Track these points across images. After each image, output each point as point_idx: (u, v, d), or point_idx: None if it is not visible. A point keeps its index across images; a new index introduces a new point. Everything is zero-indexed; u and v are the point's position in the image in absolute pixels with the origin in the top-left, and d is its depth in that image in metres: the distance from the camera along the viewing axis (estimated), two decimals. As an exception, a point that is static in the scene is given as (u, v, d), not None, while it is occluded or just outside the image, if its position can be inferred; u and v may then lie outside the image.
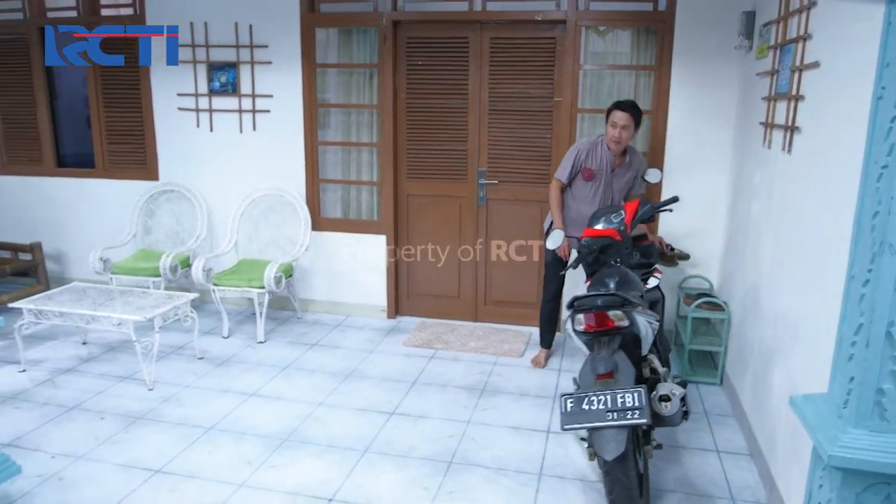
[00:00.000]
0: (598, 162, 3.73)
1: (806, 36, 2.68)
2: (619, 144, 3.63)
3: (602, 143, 3.72)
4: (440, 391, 3.74)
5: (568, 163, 3.76)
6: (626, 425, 2.22)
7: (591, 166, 3.74)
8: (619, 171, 3.78)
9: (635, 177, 3.84)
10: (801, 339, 2.50)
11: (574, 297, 2.52)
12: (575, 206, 3.82)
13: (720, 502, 2.72)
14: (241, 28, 4.70)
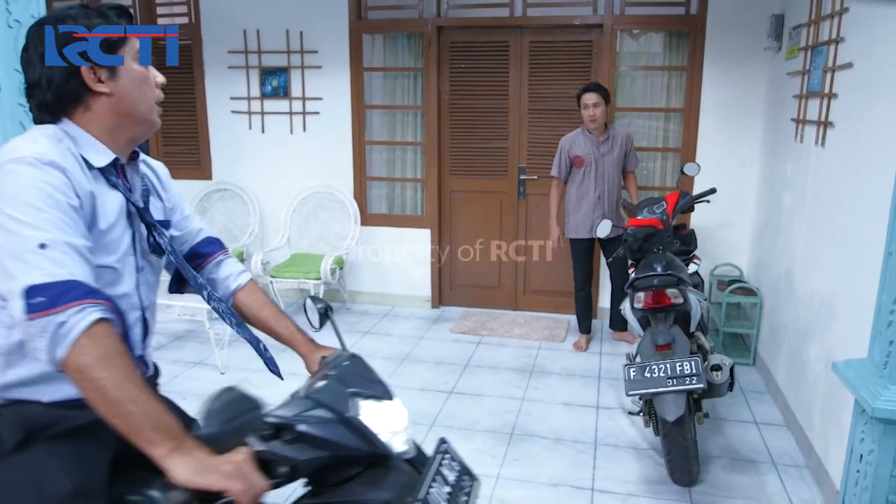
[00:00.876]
0: (582, 147, 4.12)
1: (839, 39, 2.93)
2: (595, 122, 4.03)
3: (582, 130, 4.12)
4: (492, 372, 4.01)
5: (557, 158, 4.19)
6: (685, 390, 2.49)
7: (579, 153, 4.12)
8: (604, 150, 4.13)
9: (626, 153, 4.19)
10: (837, 315, 2.76)
11: (633, 278, 2.79)
12: (578, 197, 4.18)
13: (762, 466, 2.98)
14: (293, 35, 4.98)
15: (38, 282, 1.07)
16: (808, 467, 2.95)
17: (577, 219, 4.18)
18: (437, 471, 1.18)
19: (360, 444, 1.13)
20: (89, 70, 1.27)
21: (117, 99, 1.31)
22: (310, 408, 1.12)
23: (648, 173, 4.82)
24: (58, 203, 1.14)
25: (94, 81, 1.28)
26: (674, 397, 2.52)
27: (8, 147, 1.19)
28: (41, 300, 1.06)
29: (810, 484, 2.83)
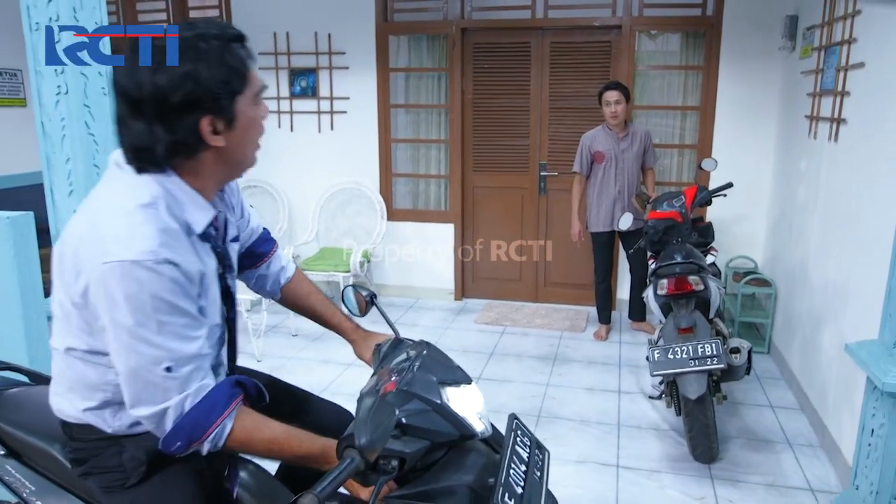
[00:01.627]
0: (603, 143, 4.28)
1: (851, 40, 3.09)
2: (616, 118, 4.19)
3: (603, 127, 4.31)
4: (517, 360, 4.19)
5: (578, 154, 4.36)
6: (706, 370, 2.66)
7: (600, 149, 4.29)
8: (624, 145, 4.28)
9: (645, 149, 4.35)
10: (850, 301, 2.92)
11: (656, 266, 2.96)
12: (599, 191, 4.35)
13: (778, 445, 3.15)
14: (321, 37, 5.17)
15: (177, 404, 1.14)
16: (821, 446, 3.11)
17: (599, 213, 4.35)
18: (512, 452, 1.24)
19: (452, 429, 1.22)
20: (209, 122, 1.16)
21: (229, 149, 1.21)
22: (407, 401, 1.21)
23: (665, 169, 4.98)
24: (176, 308, 1.13)
25: (211, 134, 1.17)
26: (696, 377, 2.69)
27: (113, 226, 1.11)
28: (179, 444, 1.14)
29: (824, 461, 2.99)
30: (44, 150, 2.81)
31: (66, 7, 2.67)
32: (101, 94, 2.88)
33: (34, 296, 2.54)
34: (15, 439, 1.45)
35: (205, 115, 1.15)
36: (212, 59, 1.14)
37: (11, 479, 1.43)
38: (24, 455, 1.45)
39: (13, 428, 1.45)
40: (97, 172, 2.85)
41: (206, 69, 1.13)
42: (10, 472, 1.43)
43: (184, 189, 1.20)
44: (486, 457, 1.28)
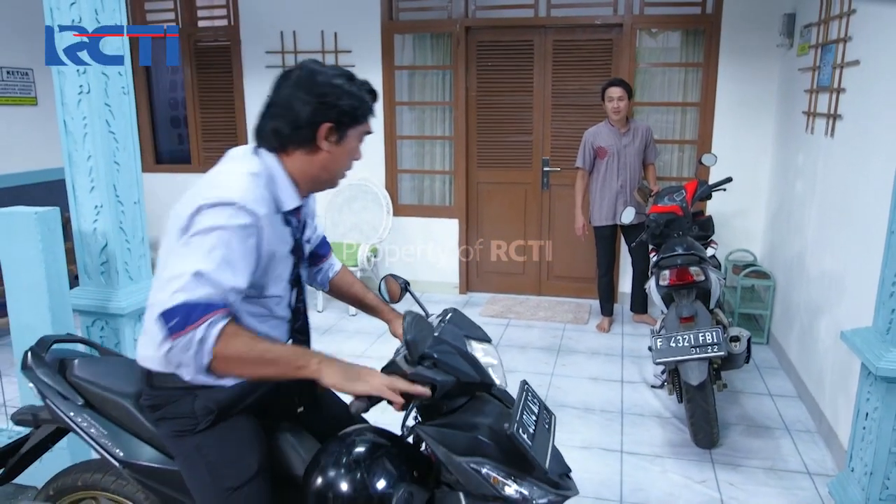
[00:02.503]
0: (605, 139, 4.37)
1: (847, 38, 3.18)
2: (619, 113, 4.27)
3: (605, 122, 4.40)
4: (522, 351, 4.29)
5: (581, 150, 4.44)
6: (707, 357, 2.76)
7: (602, 144, 4.37)
8: (626, 140, 4.37)
9: (647, 144, 4.44)
10: (846, 291, 3.02)
11: (658, 258, 3.06)
12: (602, 186, 4.43)
13: (777, 431, 3.25)
14: (327, 35, 5.26)
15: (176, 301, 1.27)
16: (818, 432, 3.21)
17: (601, 207, 4.45)
18: (524, 405, 1.44)
19: (474, 373, 1.44)
20: (329, 129, 1.45)
21: (326, 160, 1.49)
22: (439, 344, 1.44)
23: (666, 164, 5.08)
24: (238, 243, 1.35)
25: (324, 139, 1.46)
26: (697, 364, 2.79)
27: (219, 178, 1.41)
28: (175, 322, 1.28)
29: (821, 446, 3.10)
30: (66, 147, 2.91)
31: (88, 9, 2.76)
32: (122, 93, 2.99)
33: (60, 288, 2.64)
34: (91, 393, 1.72)
35: (329, 122, 1.44)
36: (354, 92, 1.47)
37: (87, 425, 1.68)
38: (97, 406, 1.72)
39: (89, 384, 1.72)
40: (117, 169, 2.96)
41: (347, 94, 1.45)
42: (86, 419, 1.69)
43: (282, 174, 1.48)
44: (501, 409, 1.49)
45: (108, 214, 2.94)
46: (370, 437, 1.56)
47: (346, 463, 1.46)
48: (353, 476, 1.44)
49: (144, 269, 3.15)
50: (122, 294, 2.98)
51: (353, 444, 1.53)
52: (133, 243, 3.07)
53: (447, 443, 1.41)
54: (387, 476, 1.44)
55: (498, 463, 1.39)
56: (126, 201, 3.02)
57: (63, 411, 1.71)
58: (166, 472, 1.63)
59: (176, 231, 1.38)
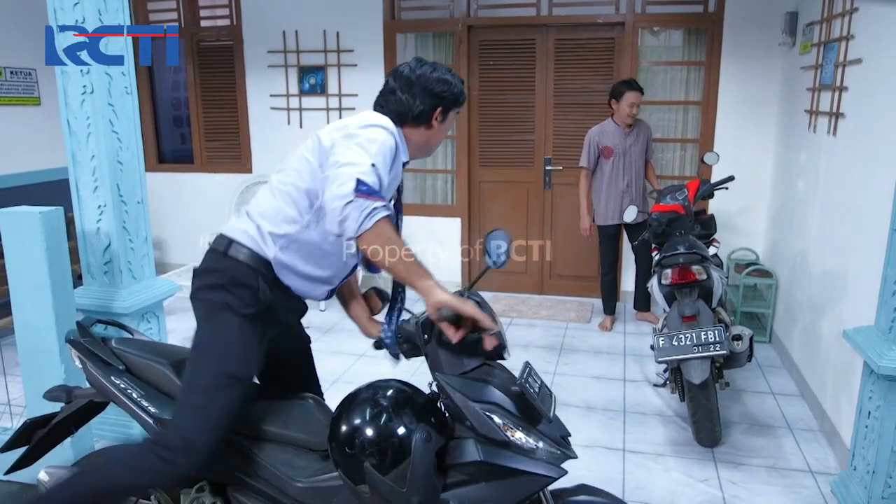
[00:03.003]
0: (611, 138, 4.37)
1: (849, 36, 3.18)
2: (633, 118, 4.31)
3: (609, 122, 4.40)
4: (524, 350, 4.30)
5: (586, 149, 4.44)
6: (709, 356, 2.76)
7: (608, 143, 4.37)
8: (630, 140, 4.39)
9: (647, 142, 4.47)
10: (848, 290, 3.02)
11: (660, 257, 3.06)
12: (607, 186, 4.43)
13: (779, 430, 3.25)
14: (329, 35, 5.27)
15: (367, 180, 1.59)
16: (821, 431, 3.21)
17: (607, 206, 4.45)
18: (528, 374, 1.57)
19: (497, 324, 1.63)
20: (439, 113, 1.87)
21: (432, 134, 1.91)
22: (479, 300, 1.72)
23: (668, 162, 5.08)
24: (389, 156, 1.72)
25: (434, 119, 1.87)
26: (699, 363, 2.79)
27: (374, 117, 1.81)
28: (365, 188, 1.58)
29: (823, 445, 3.10)
30: (69, 147, 2.92)
31: (91, 9, 2.77)
32: (125, 93, 3.00)
33: (64, 287, 2.64)
34: (130, 361, 1.93)
35: (441, 106, 1.85)
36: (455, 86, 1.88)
37: (125, 386, 1.86)
38: (136, 372, 1.92)
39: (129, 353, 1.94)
40: (121, 169, 2.97)
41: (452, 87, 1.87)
42: (125, 381, 1.88)
43: (402, 139, 1.85)
44: (509, 375, 1.64)
45: (112, 214, 2.95)
46: (395, 384, 1.72)
47: (372, 403, 1.64)
48: (377, 415, 1.60)
49: (148, 269, 3.16)
50: (124, 294, 2.99)
51: (380, 388, 1.70)
52: (136, 243, 3.08)
53: (463, 389, 1.56)
54: (408, 417, 1.59)
55: (507, 413, 1.54)
56: (129, 201, 3.03)
57: (104, 375, 1.88)
58: None
59: (335, 139, 1.74)
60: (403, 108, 1.84)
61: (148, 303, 3.08)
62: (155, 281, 3.19)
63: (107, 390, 1.87)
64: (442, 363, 1.65)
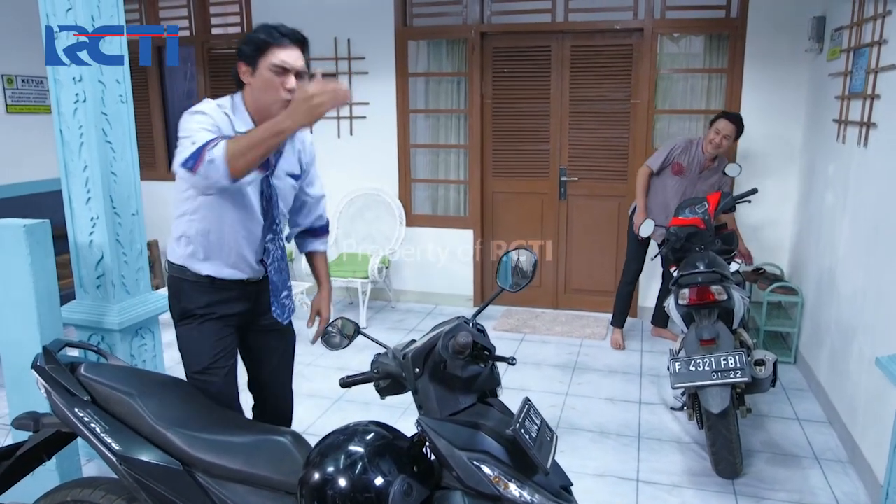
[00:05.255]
0: (689, 159, 4.08)
1: (881, 41, 2.99)
2: (717, 149, 3.98)
3: (699, 143, 4.07)
4: (536, 369, 4.13)
5: (662, 153, 4.14)
6: (729, 383, 2.58)
7: (683, 162, 4.09)
8: (706, 174, 4.12)
9: (720, 180, 4.16)
10: (881, 312, 2.81)
11: (678, 275, 2.88)
12: (660, 196, 4.17)
13: (805, 461, 3.05)
14: (341, 42, 5.17)
15: (186, 155, 1.77)
16: (851, 462, 3.00)
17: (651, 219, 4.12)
18: (526, 415, 1.44)
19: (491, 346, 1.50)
20: (242, 67, 1.95)
21: (253, 89, 1.95)
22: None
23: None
24: (204, 127, 1.84)
25: (243, 75, 1.96)
26: (719, 390, 2.61)
27: (196, 106, 1.94)
28: (189, 160, 1.76)
29: (853, 478, 2.89)
30: (62, 157, 2.84)
31: (84, 13, 2.69)
32: (120, 101, 2.90)
33: (50, 303, 2.54)
34: (97, 391, 1.81)
35: (239, 60, 1.96)
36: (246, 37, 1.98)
37: (88, 419, 1.74)
38: (102, 403, 1.80)
39: (96, 383, 1.81)
40: (114, 180, 2.88)
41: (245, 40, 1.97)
42: (89, 414, 1.76)
43: (240, 106, 2.00)
44: (503, 417, 1.51)
45: (105, 226, 2.85)
46: (372, 428, 1.56)
47: (347, 451, 1.48)
48: (352, 464, 1.45)
49: (143, 283, 3.06)
50: (117, 309, 2.89)
51: (355, 433, 1.54)
52: (130, 256, 2.98)
53: (449, 436, 1.42)
54: (386, 466, 1.44)
55: (499, 462, 1.40)
56: (123, 213, 2.93)
57: (67, 406, 1.77)
58: (164, 471, 1.66)
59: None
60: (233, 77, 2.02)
61: (142, 318, 2.98)
62: (150, 295, 3.09)
63: (70, 423, 1.76)
64: (434, 400, 1.50)
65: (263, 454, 1.67)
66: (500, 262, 1.72)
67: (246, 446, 1.69)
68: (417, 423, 1.47)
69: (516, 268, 1.72)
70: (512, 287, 1.68)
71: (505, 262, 1.71)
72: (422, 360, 1.54)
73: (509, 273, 1.71)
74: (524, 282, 1.67)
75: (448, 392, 1.51)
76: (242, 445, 1.69)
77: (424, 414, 1.53)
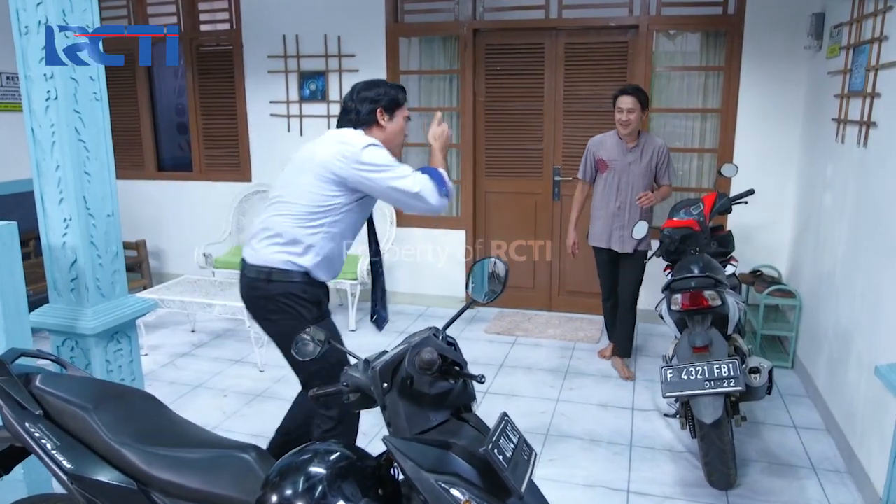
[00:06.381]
0: (609, 151, 3.81)
1: (882, 37, 2.89)
2: (626, 127, 3.68)
3: (613, 132, 3.82)
4: (527, 373, 4.03)
5: (583, 159, 3.92)
6: (723, 392, 2.48)
7: (604, 156, 3.81)
8: (632, 157, 3.78)
9: (658, 163, 3.80)
10: (881, 316, 2.72)
11: (670, 279, 2.79)
12: (600, 204, 3.89)
13: (802, 471, 2.95)
14: (331, 39, 5.07)
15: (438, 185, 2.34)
16: (849, 473, 2.91)
17: (596, 227, 3.94)
18: (502, 432, 1.34)
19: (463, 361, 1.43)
20: (381, 113, 2.43)
21: (387, 131, 2.44)
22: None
23: (686, 174, 4.80)
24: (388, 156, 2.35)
25: (381, 118, 2.43)
26: (711, 399, 2.51)
27: (353, 139, 2.33)
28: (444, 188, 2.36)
29: (851, 490, 2.80)
30: (34, 156, 2.74)
31: (55, 9, 2.59)
32: (93, 99, 2.80)
33: (17, 308, 2.46)
34: (51, 405, 1.70)
35: (379, 107, 2.43)
36: (389, 89, 2.50)
37: (39, 435, 1.65)
38: (56, 418, 1.69)
39: (50, 396, 1.71)
40: (88, 180, 2.78)
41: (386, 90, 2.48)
42: (40, 429, 1.66)
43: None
44: (477, 434, 1.41)
45: (78, 228, 2.76)
46: (336, 448, 1.47)
47: (307, 473, 1.40)
48: (311, 487, 1.36)
49: (119, 286, 2.96)
50: (91, 313, 2.79)
51: (317, 453, 1.45)
52: (105, 259, 2.89)
53: (416, 457, 1.32)
54: (349, 489, 1.37)
55: (470, 485, 1.30)
56: (98, 214, 2.83)
57: (17, 421, 1.67)
58: (118, 491, 1.58)
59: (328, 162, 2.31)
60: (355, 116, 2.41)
61: (117, 322, 2.88)
62: (127, 299, 2.99)
63: (21, 438, 1.66)
64: (403, 417, 1.40)
65: (224, 472, 1.58)
66: (472, 270, 1.63)
67: (206, 463, 1.60)
68: (384, 442, 1.38)
69: (493, 274, 1.63)
70: (485, 297, 1.59)
71: (476, 270, 1.61)
72: (389, 374, 1.45)
73: (485, 281, 1.61)
74: (497, 290, 1.58)
75: (418, 408, 1.42)
76: (202, 462, 1.60)
77: (393, 431, 1.45)
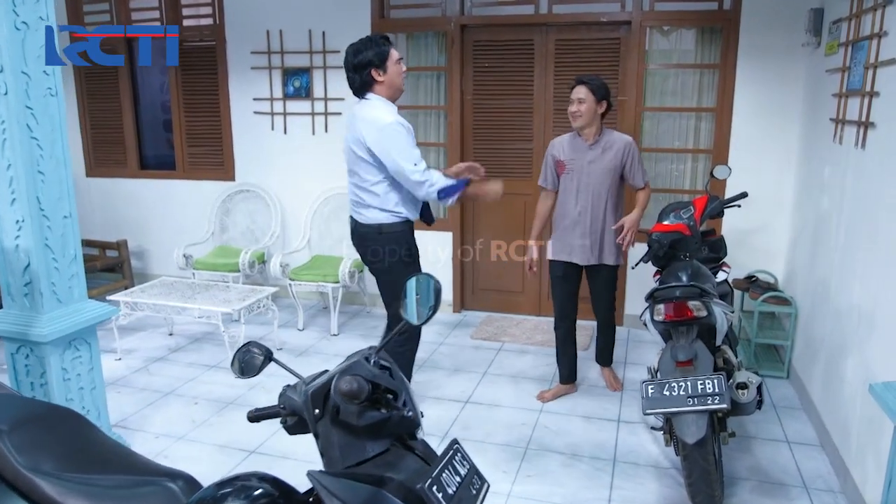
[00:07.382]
0: (566, 151, 3.49)
1: (881, 33, 2.73)
2: (576, 119, 3.35)
3: (573, 133, 3.50)
4: (511, 382, 3.89)
5: (543, 163, 3.63)
6: (706, 410, 2.33)
7: (561, 157, 3.50)
8: (592, 156, 3.42)
9: (626, 163, 3.42)
10: (877, 328, 2.56)
11: (654, 288, 2.64)
12: (560, 212, 3.59)
13: (793, 490, 2.80)
14: (315, 35, 4.93)
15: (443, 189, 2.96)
16: (843, 493, 2.76)
17: (554, 237, 3.60)
18: (448, 463, 1.23)
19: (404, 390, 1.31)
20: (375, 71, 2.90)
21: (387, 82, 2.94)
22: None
23: (679, 175, 4.64)
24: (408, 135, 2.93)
25: (377, 76, 2.92)
26: (695, 417, 2.36)
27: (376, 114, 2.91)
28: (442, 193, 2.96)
29: (845, 511, 2.65)
30: (-16, 155, 2.60)
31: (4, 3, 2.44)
32: (48, 95, 2.66)
33: (-41, 316, 2.32)
34: None
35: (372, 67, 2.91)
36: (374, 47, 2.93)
37: None
38: None
39: None
40: (42, 179, 2.65)
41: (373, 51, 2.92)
42: None
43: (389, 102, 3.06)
44: (420, 466, 1.27)
45: (32, 230, 2.63)
46: (256, 483, 1.34)
47: None
48: None
49: (77, 291, 2.83)
50: (45, 319, 2.66)
51: (237, 489, 1.32)
52: (62, 262, 2.75)
53: (344, 495, 1.18)
54: None
55: None
56: (53, 215, 2.70)
57: None
58: None
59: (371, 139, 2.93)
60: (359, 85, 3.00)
61: (74, 329, 2.75)
62: (85, 304, 2.86)
63: None
64: (336, 447, 1.27)
65: (143, 502, 1.44)
66: (405, 289, 1.49)
67: (125, 493, 1.46)
68: (308, 478, 1.23)
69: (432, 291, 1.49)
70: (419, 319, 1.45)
71: (409, 289, 1.47)
72: (321, 399, 1.31)
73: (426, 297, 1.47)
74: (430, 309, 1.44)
75: (353, 437, 1.28)
76: (120, 492, 1.46)
77: (327, 462, 1.31)
